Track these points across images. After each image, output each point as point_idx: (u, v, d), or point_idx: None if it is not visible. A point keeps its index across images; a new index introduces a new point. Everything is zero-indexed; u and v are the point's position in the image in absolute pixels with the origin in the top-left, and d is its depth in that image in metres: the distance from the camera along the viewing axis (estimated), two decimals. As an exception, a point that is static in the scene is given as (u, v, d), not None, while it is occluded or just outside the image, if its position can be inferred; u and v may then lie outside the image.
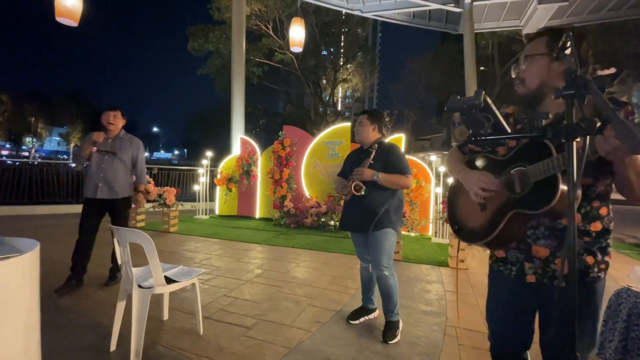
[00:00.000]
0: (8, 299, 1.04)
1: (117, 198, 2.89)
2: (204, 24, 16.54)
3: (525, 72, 1.04)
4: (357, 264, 2.36)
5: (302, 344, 1.98)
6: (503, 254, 1.10)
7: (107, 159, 2.85)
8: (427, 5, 9.22)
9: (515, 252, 1.06)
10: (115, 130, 2.94)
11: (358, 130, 2.21)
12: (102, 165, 2.84)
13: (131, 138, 3.04)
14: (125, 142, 2.96)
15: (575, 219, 0.70)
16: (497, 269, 1.12)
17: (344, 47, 22.66)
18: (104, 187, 2.83)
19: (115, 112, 2.93)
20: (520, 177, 0.96)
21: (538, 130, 0.79)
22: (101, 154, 2.85)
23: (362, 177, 2.04)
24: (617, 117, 0.64)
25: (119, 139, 2.95)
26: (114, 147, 2.89)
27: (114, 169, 2.86)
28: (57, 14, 4.20)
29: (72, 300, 2.50)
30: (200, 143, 33.29)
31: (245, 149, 6.96)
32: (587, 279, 0.97)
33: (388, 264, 2.10)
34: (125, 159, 2.92)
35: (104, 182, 2.83)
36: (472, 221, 1.12)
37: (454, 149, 1.26)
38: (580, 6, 8.53)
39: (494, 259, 1.14)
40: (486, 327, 2.32)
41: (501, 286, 1.12)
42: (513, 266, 1.07)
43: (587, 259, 0.97)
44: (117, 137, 2.96)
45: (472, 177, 1.07)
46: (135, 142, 3.03)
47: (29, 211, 6.68)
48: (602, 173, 0.93)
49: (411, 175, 2.10)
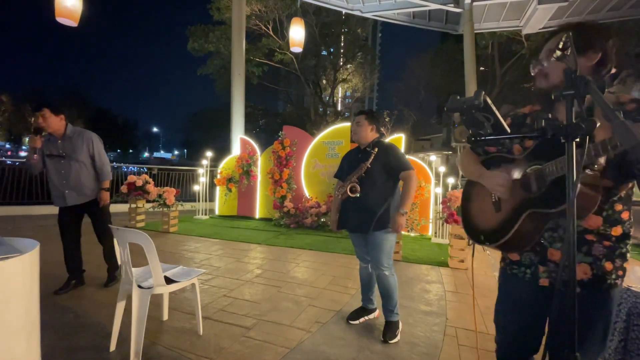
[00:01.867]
0: (8, 299, 1.04)
1: (88, 201, 2.74)
2: (204, 24, 16.54)
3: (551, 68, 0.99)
4: (357, 264, 2.36)
5: (302, 344, 1.98)
6: (517, 256, 1.07)
7: (63, 163, 2.63)
8: (427, 6, 9.21)
9: (530, 255, 1.03)
10: (55, 130, 2.62)
11: (356, 130, 2.19)
12: (61, 171, 2.64)
13: (81, 133, 2.73)
14: (75, 140, 2.68)
15: (575, 219, 0.70)
16: (510, 272, 1.09)
17: (344, 47, 22.65)
18: (72, 193, 2.66)
19: (42, 112, 2.55)
20: (536, 176, 0.94)
21: (538, 130, 0.79)
22: (52, 159, 2.63)
23: (400, 230, 2.01)
24: (618, 117, 0.64)
25: (67, 139, 2.67)
26: (64, 149, 2.64)
27: (74, 171, 2.65)
28: (57, 14, 4.20)
29: (72, 300, 2.50)
30: (200, 143, 33.28)
31: (245, 149, 6.96)
32: (604, 285, 0.93)
33: (388, 264, 2.10)
34: (81, 158, 2.67)
35: (70, 188, 2.66)
36: (487, 223, 1.09)
37: (467, 150, 1.23)
38: (580, 6, 8.52)
39: (507, 262, 1.11)
40: (486, 327, 2.32)
41: (514, 289, 1.08)
42: (527, 269, 1.03)
43: (606, 265, 0.93)
44: (65, 136, 2.66)
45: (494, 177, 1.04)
46: (86, 137, 2.72)
47: (29, 211, 6.68)
48: (622, 175, 0.89)
49: (413, 169, 2.07)
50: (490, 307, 2.58)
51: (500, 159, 1.10)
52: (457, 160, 1.28)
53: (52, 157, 2.64)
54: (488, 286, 3.12)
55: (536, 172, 0.94)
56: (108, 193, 2.82)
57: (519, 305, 1.07)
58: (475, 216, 1.15)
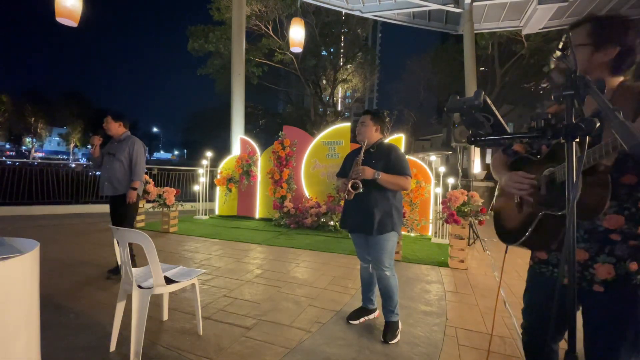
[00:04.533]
0: (8, 299, 1.04)
1: (118, 195, 3.13)
2: (204, 24, 16.54)
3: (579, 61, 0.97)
4: (357, 264, 2.36)
5: (302, 344, 1.98)
6: (545, 255, 1.09)
7: (112, 160, 3.16)
8: (427, 6, 9.22)
9: (557, 254, 1.05)
10: (114, 133, 3.22)
11: (360, 130, 2.17)
12: (107, 166, 3.16)
13: (129, 138, 3.25)
14: (124, 143, 3.21)
15: (574, 219, 0.70)
16: (539, 270, 1.12)
17: (344, 47, 22.64)
18: (108, 185, 3.13)
19: (106, 117, 3.21)
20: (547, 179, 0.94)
21: (538, 130, 0.79)
22: (108, 156, 3.19)
23: (362, 176, 2.02)
24: (617, 117, 0.64)
25: (120, 141, 3.22)
26: (115, 149, 3.18)
27: (114, 168, 3.13)
28: (57, 14, 4.20)
29: (72, 300, 2.49)
30: (200, 143, 33.24)
31: (245, 149, 6.96)
32: (628, 286, 0.91)
33: (389, 264, 2.10)
34: (121, 158, 3.15)
35: (108, 181, 3.13)
36: (511, 223, 1.12)
37: (498, 153, 1.26)
38: (580, 6, 8.52)
39: (536, 261, 1.14)
40: (486, 327, 2.32)
41: (542, 286, 1.10)
42: (554, 268, 1.06)
43: (631, 265, 0.91)
44: (119, 139, 3.23)
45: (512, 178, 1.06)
46: (131, 141, 3.22)
47: (29, 211, 6.68)
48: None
49: (410, 177, 2.09)
50: (490, 307, 2.59)
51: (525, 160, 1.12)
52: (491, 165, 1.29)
53: (108, 155, 3.20)
54: (488, 286, 3.12)
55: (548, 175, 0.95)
56: (135, 192, 3.15)
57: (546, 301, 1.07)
58: (503, 218, 1.19)
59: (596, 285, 0.94)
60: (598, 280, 0.94)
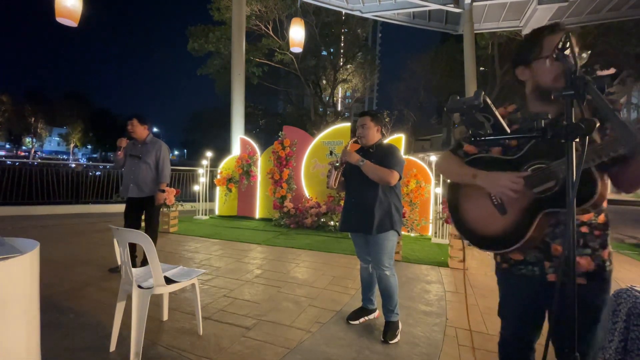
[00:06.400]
0: (8, 299, 1.04)
1: (145, 196, 3.24)
2: (204, 24, 16.55)
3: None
4: (357, 264, 2.36)
5: (302, 344, 1.98)
6: (521, 256, 1.05)
7: (135, 162, 3.25)
8: (427, 6, 9.22)
9: (535, 252, 1.02)
10: (139, 136, 3.28)
11: (363, 133, 2.15)
12: (132, 168, 3.25)
13: (155, 142, 3.35)
14: (149, 146, 3.30)
15: (574, 219, 0.70)
16: (518, 273, 1.06)
17: (344, 47, 22.64)
18: (134, 187, 3.22)
19: (131, 120, 3.26)
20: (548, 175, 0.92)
21: (538, 130, 0.79)
22: (132, 158, 3.27)
23: (347, 158, 2.07)
24: (617, 117, 0.64)
25: (145, 144, 3.30)
26: (140, 152, 3.26)
27: (141, 170, 3.22)
28: (57, 14, 4.20)
29: (72, 300, 2.49)
30: (200, 143, 33.26)
31: (245, 149, 6.96)
32: (604, 273, 0.96)
33: (389, 264, 2.10)
34: (149, 161, 3.25)
35: (134, 183, 3.22)
36: (492, 228, 1.04)
37: (447, 154, 1.21)
38: (580, 6, 8.52)
39: (512, 263, 1.08)
40: (486, 328, 2.32)
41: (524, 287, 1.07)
42: (535, 267, 1.03)
43: (603, 253, 0.96)
44: (144, 142, 3.31)
45: (502, 178, 0.97)
46: (157, 145, 3.33)
47: (29, 211, 6.68)
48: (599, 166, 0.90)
49: (397, 173, 2.03)
50: (490, 307, 2.59)
51: (486, 159, 1.08)
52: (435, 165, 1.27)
53: (132, 157, 3.28)
54: (488, 286, 3.12)
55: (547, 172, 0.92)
56: (163, 194, 3.30)
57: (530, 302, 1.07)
58: (475, 222, 1.10)
59: (579, 278, 0.96)
60: (579, 273, 0.96)
